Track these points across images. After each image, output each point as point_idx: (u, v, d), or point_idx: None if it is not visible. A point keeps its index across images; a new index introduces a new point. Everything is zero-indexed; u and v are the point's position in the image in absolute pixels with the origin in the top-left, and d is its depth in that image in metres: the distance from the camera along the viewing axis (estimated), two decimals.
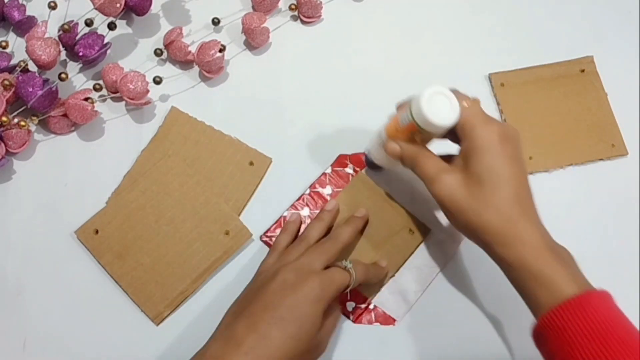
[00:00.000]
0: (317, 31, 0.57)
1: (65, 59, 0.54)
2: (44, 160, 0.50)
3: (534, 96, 0.55)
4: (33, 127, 0.51)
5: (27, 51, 0.47)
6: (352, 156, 0.51)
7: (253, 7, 0.56)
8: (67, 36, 0.51)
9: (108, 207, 0.48)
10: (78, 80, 0.53)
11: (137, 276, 0.46)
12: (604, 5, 0.59)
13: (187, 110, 0.52)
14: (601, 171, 0.53)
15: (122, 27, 0.55)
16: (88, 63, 0.53)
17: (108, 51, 0.52)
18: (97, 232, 0.47)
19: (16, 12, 0.52)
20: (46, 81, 0.48)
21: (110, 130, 0.52)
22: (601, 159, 0.53)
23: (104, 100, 0.52)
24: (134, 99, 0.49)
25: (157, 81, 0.51)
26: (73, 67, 0.53)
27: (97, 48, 0.51)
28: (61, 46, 0.49)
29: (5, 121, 0.47)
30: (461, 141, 0.40)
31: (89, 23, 0.50)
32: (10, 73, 0.49)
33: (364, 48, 0.56)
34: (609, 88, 0.55)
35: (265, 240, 0.49)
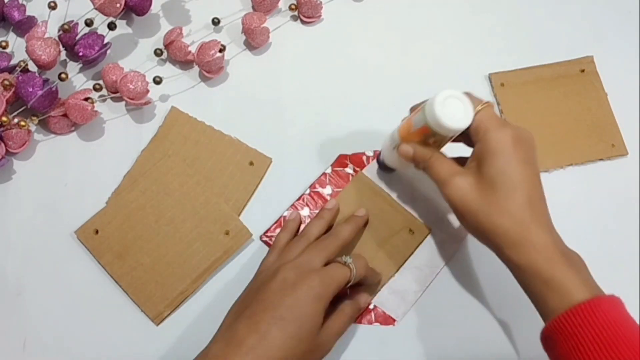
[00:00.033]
0: (317, 31, 0.57)
1: (65, 59, 0.54)
2: (44, 160, 0.50)
3: (534, 96, 0.55)
4: (33, 127, 0.51)
5: (27, 51, 0.47)
6: (352, 156, 0.51)
7: (253, 7, 0.56)
8: (67, 36, 0.51)
9: (108, 207, 0.48)
10: (78, 80, 0.53)
11: (137, 276, 0.46)
12: (604, 5, 0.59)
13: (187, 110, 0.52)
14: (601, 171, 0.53)
15: (122, 27, 0.55)
16: (88, 63, 0.53)
17: (108, 51, 0.52)
18: (97, 232, 0.47)
19: (16, 12, 0.52)
20: (46, 81, 0.48)
21: (110, 130, 0.52)
22: (601, 159, 0.53)
23: (104, 100, 0.52)
24: (134, 99, 0.49)
25: (157, 81, 0.51)
26: (73, 67, 0.53)
27: (97, 48, 0.51)
28: (61, 46, 0.49)
29: (5, 121, 0.47)
30: (474, 144, 0.40)
31: (89, 23, 0.51)
32: (10, 73, 0.49)
33: (364, 48, 0.56)
34: (609, 88, 0.55)
35: (265, 240, 0.49)
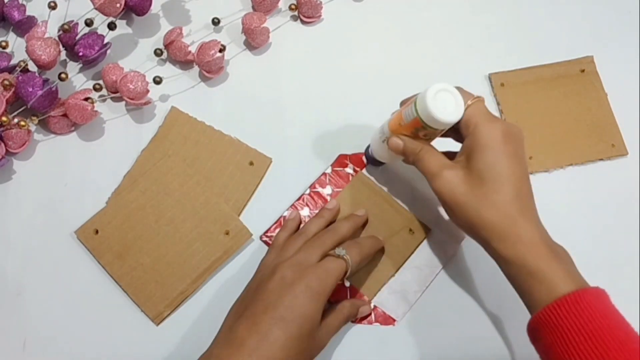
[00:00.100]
0: (317, 31, 0.57)
1: (65, 59, 0.54)
2: (44, 160, 0.50)
3: (534, 96, 0.55)
4: (33, 127, 0.51)
5: (27, 51, 0.47)
6: (352, 156, 0.51)
7: (253, 7, 0.56)
8: (67, 36, 0.51)
9: (108, 207, 0.48)
10: (78, 80, 0.53)
11: (137, 276, 0.46)
12: (604, 5, 0.59)
13: (187, 110, 0.52)
14: (601, 171, 0.53)
15: (122, 27, 0.55)
16: (88, 63, 0.53)
17: (108, 51, 0.52)
18: (97, 232, 0.47)
19: (16, 12, 0.52)
20: (46, 81, 0.48)
21: (110, 130, 0.52)
22: (601, 159, 0.53)
23: (104, 100, 0.52)
24: (134, 99, 0.49)
25: (157, 81, 0.51)
26: (73, 67, 0.53)
27: (97, 48, 0.51)
28: (61, 46, 0.49)
29: (5, 121, 0.47)
30: (464, 138, 0.40)
31: (89, 23, 0.50)
32: (10, 73, 0.49)
33: (364, 48, 0.56)
34: (609, 88, 0.55)
35: (265, 240, 0.49)
